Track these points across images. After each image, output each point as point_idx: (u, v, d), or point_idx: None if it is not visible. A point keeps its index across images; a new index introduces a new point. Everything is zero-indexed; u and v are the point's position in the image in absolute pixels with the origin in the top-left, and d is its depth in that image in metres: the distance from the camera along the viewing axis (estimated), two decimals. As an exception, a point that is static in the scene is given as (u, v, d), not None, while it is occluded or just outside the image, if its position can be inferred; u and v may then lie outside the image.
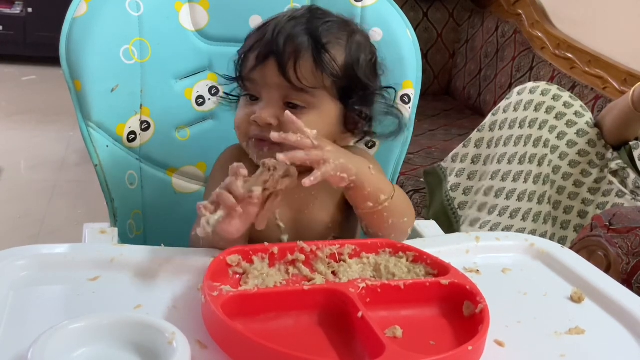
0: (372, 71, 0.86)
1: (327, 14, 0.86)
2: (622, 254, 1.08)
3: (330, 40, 0.82)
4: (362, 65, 0.84)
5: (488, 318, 0.63)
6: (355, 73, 0.83)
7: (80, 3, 0.94)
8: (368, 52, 0.86)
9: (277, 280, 0.68)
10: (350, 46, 0.83)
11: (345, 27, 0.85)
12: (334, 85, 0.82)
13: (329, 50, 0.81)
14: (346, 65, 0.82)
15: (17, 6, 3.93)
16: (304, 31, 0.81)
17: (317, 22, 0.83)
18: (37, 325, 0.59)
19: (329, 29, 0.83)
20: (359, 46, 0.84)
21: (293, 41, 0.80)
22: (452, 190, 1.56)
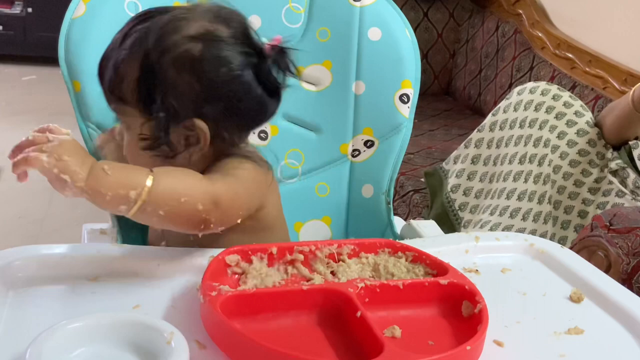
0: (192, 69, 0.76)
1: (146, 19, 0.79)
2: (622, 254, 1.08)
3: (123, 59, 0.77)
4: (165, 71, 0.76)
5: (487, 318, 0.63)
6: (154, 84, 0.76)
7: (79, 4, 0.94)
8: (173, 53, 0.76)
9: (276, 280, 0.68)
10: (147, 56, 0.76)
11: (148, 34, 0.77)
12: (138, 101, 0.77)
13: (117, 70, 0.78)
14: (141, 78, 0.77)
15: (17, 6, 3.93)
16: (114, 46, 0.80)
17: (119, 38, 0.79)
18: (37, 325, 0.59)
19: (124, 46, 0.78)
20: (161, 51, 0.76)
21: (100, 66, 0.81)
22: (452, 191, 1.56)
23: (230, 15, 0.81)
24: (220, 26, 0.78)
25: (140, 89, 0.77)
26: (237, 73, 0.77)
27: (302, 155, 1.07)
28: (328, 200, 1.09)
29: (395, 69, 1.04)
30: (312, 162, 1.08)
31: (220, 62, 0.77)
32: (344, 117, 1.06)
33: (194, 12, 0.79)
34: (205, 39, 0.77)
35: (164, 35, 0.77)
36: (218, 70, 0.77)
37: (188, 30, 0.77)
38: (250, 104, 0.79)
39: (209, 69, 0.76)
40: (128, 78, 0.77)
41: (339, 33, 1.04)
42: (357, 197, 1.08)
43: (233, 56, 0.77)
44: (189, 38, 0.77)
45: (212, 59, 0.77)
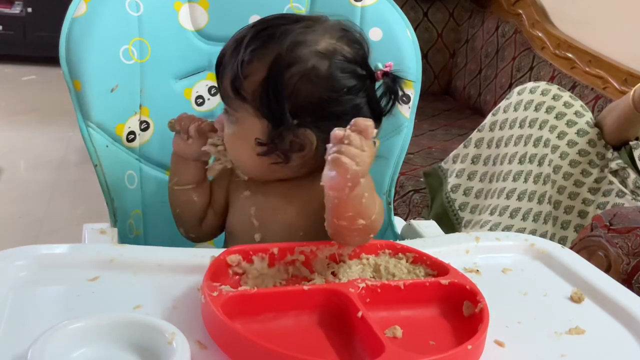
0: (316, 84, 0.79)
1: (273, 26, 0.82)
2: (623, 254, 1.08)
3: (251, 58, 0.79)
4: (291, 81, 0.78)
5: (487, 317, 0.63)
6: (277, 89, 0.79)
7: (80, 3, 0.94)
8: (303, 65, 0.79)
9: (277, 281, 0.68)
10: (277, 62, 0.79)
11: (280, 40, 0.79)
12: (257, 101, 0.80)
13: (244, 67, 0.79)
14: (266, 82, 0.79)
15: (17, 6, 3.93)
16: (233, 46, 0.82)
17: (249, 36, 0.81)
18: (37, 326, 0.59)
19: (253, 44, 0.80)
20: (290, 61, 0.79)
21: (222, 57, 0.83)
22: (452, 191, 1.56)
23: (354, 36, 0.84)
24: (345, 46, 0.81)
25: (263, 91, 0.79)
26: (353, 95, 0.81)
27: (302, 155, 1.07)
28: (328, 200, 1.08)
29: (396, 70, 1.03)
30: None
31: (342, 82, 0.80)
32: (345, 117, 1.06)
33: (322, 27, 0.82)
34: (332, 57, 0.80)
35: (295, 45, 0.79)
36: (338, 90, 0.80)
37: (317, 45, 0.80)
38: None
39: (330, 87, 0.80)
40: (253, 78, 0.79)
41: (340, 33, 1.04)
42: (358, 197, 1.08)
43: (352, 78, 0.81)
44: (318, 53, 0.80)
45: (335, 78, 0.80)
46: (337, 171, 0.65)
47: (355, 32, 0.85)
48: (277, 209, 0.86)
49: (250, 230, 0.86)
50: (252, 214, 0.86)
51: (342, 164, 0.64)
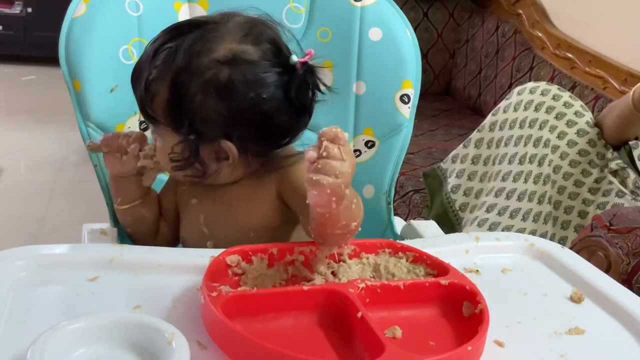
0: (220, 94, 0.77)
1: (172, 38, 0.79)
2: (623, 254, 1.08)
3: (154, 78, 0.78)
4: (193, 96, 0.77)
5: (487, 318, 0.63)
6: (182, 106, 0.77)
7: (80, 3, 0.94)
8: (201, 78, 0.76)
9: (277, 281, 0.68)
10: (176, 79, 0.77)
11: (177, 54, 0.77)
12: (168, 119, 0.79)
13: (148, 89, 0.79)
14: (170, 100, 0.78)
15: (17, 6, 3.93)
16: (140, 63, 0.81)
17: (151, 53, 0.79)
18: (37, 326, 0.59)
19: (154, 62, 0.78)
20: (189, 75, 0.77)
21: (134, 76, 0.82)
22: (452, 192, 1.56)
23: (262, 31, 0.80)
24: (250, 46, 0.78)
25: (170, 109, 0.78)
26: (266, 96, 0.77)
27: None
28: (329, 200, 1.08)
29: (396, 69, 1.04)
30: (313, 162, 1.08)
31: (248, 86, 0.76)
32: (345, 118, 1.06)
33: (223, 29, 0.78)
34: (233, 63, 0.76)
35: (192, 57, 0.76)
36: (246, 95, 0.77)
37: (216, 52, 0.77)
38: (279, 123, 0.80)
39: (236, 95, 0.77)
40: (158, 97, 0.79)
41: (340, 33, 1.04)
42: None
43: (261, 79, 0.77)
44: (217, 62, 0.76)
45: (240, 85, 0.76)
46: (317, 191, 0.62)
47: (264, 27, 0.81)
48: (224, 213, 0.85)
49: (202, 239, 0.86)
50: (201, 222, 0.86)
51: (319, 184, 0.61)
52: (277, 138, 0.82)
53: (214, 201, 0.86)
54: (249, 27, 0.79)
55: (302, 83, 0.79)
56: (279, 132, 0.81)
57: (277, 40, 0.81)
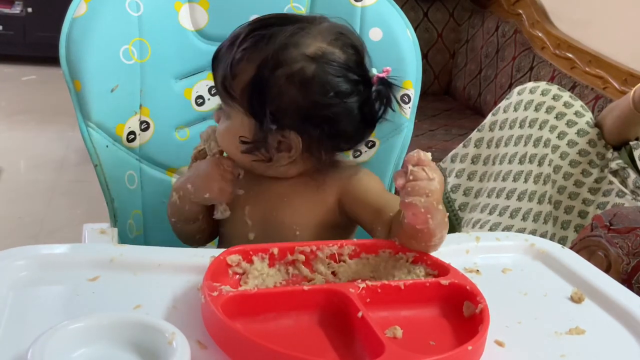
0: (302, 87, 0.79)
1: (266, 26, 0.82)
2: (623, 254, 1.08)
3: (241, 57, 0.80)
4: (276, 83, 0.79)
5: (488, 318, 0.63)
6: (263, 90, 0.79)
7: (80, 3, 0.94)
8: (289, 68, 0.79)
9: (277, 281, 0.68)
10: (264, 63, 0.79)
11: (270, 41, 0.80)
12: (245, 101, 0.81)
13: (233, 66, 0.80)
14: (253, 82, 0.80)
15: (17, 6, 3.93)
16: (228, 43, 0.83)
17: (242, 35, 0.82)
18: (37, 325, 0.59)
19: (245, 44, 0.80)
20: (277, 63, 0.79)
21: (218, 53, 0.84)
22: (452, 191, 1.56)
23: (349, 39, 0.83)
24: (337, 50, 0.81)
25: (250, 91, 0.80)
26: (342, 99, 0.80)
27: (302, 155, 1.07)
28: (329, 200, 1.08)
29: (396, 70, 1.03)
30: (313, 162, 1.08)
31: (329, 86, 0.79)
32: (345, 117, 1.06)
33: (316, 28, 0.82)
34: (321, 61, 0.79)
35: (284, 47, 0.79)
36: (325, 94, 0.79)
37: (307, 48, 0.80)
38: (346, 128, 0.82)
39: (316, 91, 0.79)
40: (241, 77, 0.80)
41: (340, 33, 1.04)
42: (358, 197, 1.08)
43: (342, 82, 0.80)
44: (306, 57, 0.79)
45: (322, 82, 0.79)
46: (413, 212, 0.68)
47: (352, 36, 0.84)
48: (271, 208, 0.86)
49: (244, 229, 0.87)
50: (245, 213, 0.87)
51: (412, 205, 0.67)
52: (340, 142, 0.85)
53: (262, 194, 0.87)
54: (338, 32, 0.83)
55: (376, 97, 0.83)
56: (343, 137, 0.84)
57: (361, 51, 0.84)
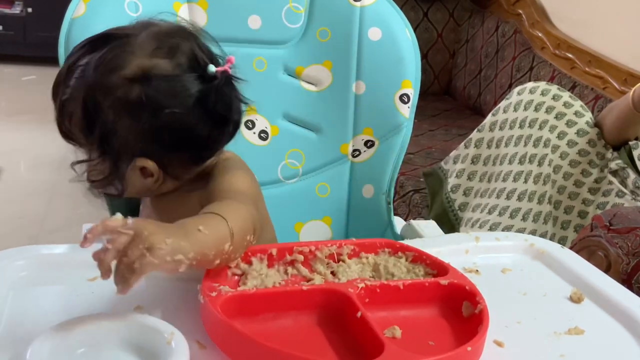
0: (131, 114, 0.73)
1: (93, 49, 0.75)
2: (622, 254, 1.08)
3: (67, 98, 0.75)
4: (106, 116, 0.73)
5: (487, 319, 0.63)
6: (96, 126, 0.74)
7: (79, 3, 0.94)
8: (111, 98, 0.73)
9: (276, 281, 0.68)
10: (89, 98, 0.74)
11: (93, 71, 0.74)
12: (84, 140, 0.76)
13: (63, 109, 0.77)
14: (85, 121, 0.75)
15: (17, 6, 3.93)
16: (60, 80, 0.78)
17: (64, 72, 0.76)
18: (37, 325, 0.59)
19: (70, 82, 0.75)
20: (100, 95, 0.73)
21: (52, 93, 0.79)
22: (452, 191, 1.56)
23: (175, 42, 0.76)
24: (162, 60, 0.74)
25: (86, 130, 0.76)
26: (181, 111, 0.74)
27: (302, 155, 1.07)
28: (328, 200, 1.09)
29: (395, 69, 1.04)
30: (313, 162, 1.08)
31: (160, 104, 0.73)
32: (345, 117, 1.06)
33: (135, 43, 0.74)
34: (143, 80, 0.73)
35: (101, 75, 0.73)
36: (158, 113, 0.73)
37: (125, 69, 0.73)
38: (198, 137, 0.77)
39: (148, 112, 0.73)
40: (74, 118, 0.76)
41: (339, 33, 1.04)
42: (358, 197, 1.08)
43: (174, 95, 0.73)
44: (126, 80, 0.73)
45: (152, 102, 0.73)
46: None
47: (179, 35, 0.77)
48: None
49: None
50: None
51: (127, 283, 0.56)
52: (200, 151, 0.79)
53: (153, 209, 0.87)
54: (162, 38, 0.76)
55: (220, 93, 0.75)
56: (200, 146, 0.78)
57: (194, 50, 0.76)
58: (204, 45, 0.78)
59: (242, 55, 1.04)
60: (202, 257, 0.60)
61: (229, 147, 1.05)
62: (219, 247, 0.62)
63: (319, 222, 1.09)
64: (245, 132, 1.06)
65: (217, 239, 0.62)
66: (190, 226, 0.60)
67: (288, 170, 1.08)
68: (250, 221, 0.68)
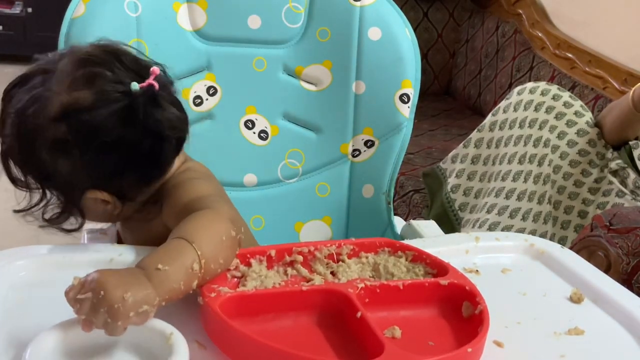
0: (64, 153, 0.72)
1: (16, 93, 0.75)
2: (622, 254, 1.08)
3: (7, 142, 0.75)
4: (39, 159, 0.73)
5: (487, 319, 0.63)
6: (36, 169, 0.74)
7: (79, 4, 0.94)
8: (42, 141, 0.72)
9: (276, 282, 0.68)
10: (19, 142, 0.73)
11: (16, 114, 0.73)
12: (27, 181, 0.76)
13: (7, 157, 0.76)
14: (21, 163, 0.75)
15: (17, 6, 3.93)
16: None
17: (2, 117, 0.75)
18: (37, 326, 0.59)
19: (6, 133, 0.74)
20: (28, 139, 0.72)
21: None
22: (452, 191, 1.56)
23: (91, 69, 0.73)
24: (81, 92, 0.72)
25: (25, 172, 0.75)
26: (112, 139, 0.72)
27: (302, 155, 1.07)
28: (328, 200, 1.09)
29: (395, 69, 1.04)
30: (313, 162, 1.08)
31: (91, 135, 0.71)
32: (344, 117, 1.06)
33: (52, 80, 0.73)
34: (68, 117, 0.71)
35: (28, 119, 0.72)
36: (91, 144, 0.72)
37: (48, 110, 0.71)
38: (138, 157, 0.75)
39: (81, 149, 0.72)
40: (16, 165, 0.76)
41: (339, 33, 1.04)
42: (358, 197, 1.08)
43: (102, 124, 0.71)
44: (50, 120, 0.71)
45: (80, 137, 0.72)
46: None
47: (95, 62, 0.73)
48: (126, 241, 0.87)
49: None
50: None
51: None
52: (147, 170, 0.77)
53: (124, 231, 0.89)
54: (77, 67, 0.73)
55: (146, 110, 0.72)
56: (144, 166, 0.76)
57: (115, 72, 0.73)
58: (127, 62, 0.75)
59: (241, 55, 1.04)
60: (170, 295, 0.59)
61: (229, 146, 1.06)
62: (186, 274, 0.61)
63: (319, 221, 1.09)
64: (245, 132, 1.06)
65: (180, 267, 0.60)
66: (149, 267, 0.59)
67: (288, 170, 1.08)
68: (221, 221, 0.67)
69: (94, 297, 0.55)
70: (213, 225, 0.66)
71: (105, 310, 0.55)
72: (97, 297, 0.55)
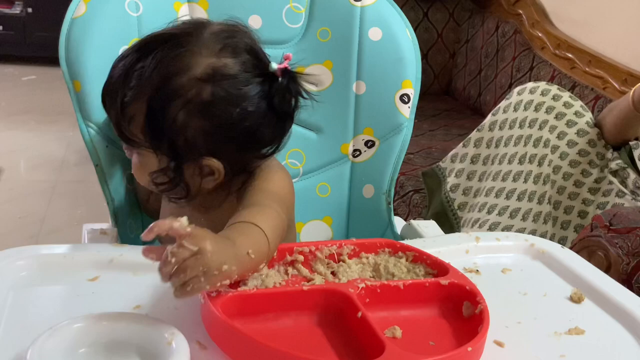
0: (204, 114, 0.73)
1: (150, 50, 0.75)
2: (622, 254, 1.08)
3: (130, 99, 0.74)
4: (175, 116, 0.73)
5: (488, 319, 0.63)
6: (163, 127, 0.74)
7: (80, 3, 0.94)
8: (182, 98, 0.73)
9: (277, 281, 0.68)
10: (155, 99, 0.73)
11: (154, 72, 0.73)
12: (148, 142, 0.75)
13: (124, 110, 0.75)
14: (150, 122, 0.74)
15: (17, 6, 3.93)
16: (118, 83, 0.76)
17: (125, 70, 0.75)
18: (37, 325, 0.59)
19: (131, 83, 0.74)
20: (169, 96, 0.73)
21: (107, 97, 0.78)
22: (451, 191, 1.56)
23: (238, 41, 0.77)
24: (229, 59, 0.75)
25: (150, 131, 0.75)
26: (251, 110, 0.75)
27: (303, 155, 1.07)
28: (329, 200, 1.09)
29: (395, 69, 1.03)
30: (313, 162, 1.08)
31: (232, 102, 0.74)
32: (345, 117, 1.06)
33: (198, 42, 0.75)
34: (215, 80, 0.73)
35: (169, 77, 0.73)
36: (230, 112, 0.74)
37: (195, 70, 0.73)
38: (264, 134, 0.78)
39: (220, 112, 0.74)
40: (137, 120, 0.75)
41: (340, 33, 1.04)
42: (358, 197, 1.08)
43: (244, 93, 0.74)
44: (197, 80, 0.73)
45: (223, 102, 0.74)
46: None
47: (240, 34, 0.77)
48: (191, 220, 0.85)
49: None
50: None
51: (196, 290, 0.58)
52: (264, 148, 0.80)
53: (183, 205, 0.85)
54: (225, 37, 0.76)
55: (284, 90, 0.77)
56: (263, 143, 0.79)
57: (255, 48, 0.78)
58: (258, 43, 0.79)
59: (242, 55, 1.04)
60: (241, 278, 0.64)
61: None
62: (256, 269, 0.65)
63: (320, 222, 1.09)
64: (245, 132, 1.06)
65: (259, 263, 0.65)
66: (241, 248, 0.62)
67: (288, 170, 1.08)
68: (281, 234, 0.71)
69: (200, 253, 0.57)
70: (279, 237, 0.70)
71: (202, 270, 0.57)
72: (202, 255, 0.57)
